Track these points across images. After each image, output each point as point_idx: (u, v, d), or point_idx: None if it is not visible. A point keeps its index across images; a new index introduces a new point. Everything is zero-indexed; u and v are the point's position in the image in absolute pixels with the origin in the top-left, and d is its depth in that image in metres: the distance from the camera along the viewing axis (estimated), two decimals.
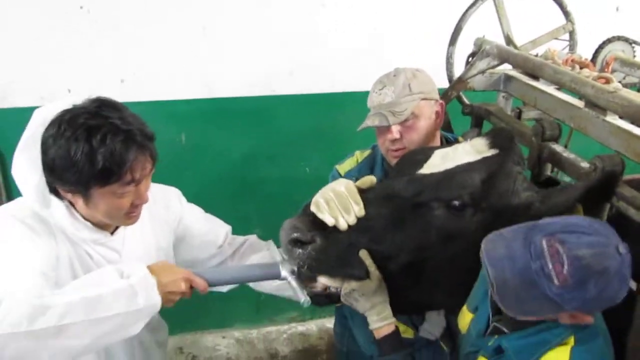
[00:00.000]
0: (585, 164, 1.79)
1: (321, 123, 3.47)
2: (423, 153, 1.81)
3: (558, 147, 1.96)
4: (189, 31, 3.10)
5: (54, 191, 1.58)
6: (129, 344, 1.85)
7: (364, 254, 1.62)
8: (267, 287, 1.96)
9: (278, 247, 1.77)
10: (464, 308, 1.71)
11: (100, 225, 1.68)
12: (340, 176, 2.25)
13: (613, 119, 1.73)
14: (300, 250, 1.61)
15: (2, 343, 1.27)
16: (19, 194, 3.20)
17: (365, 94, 3.32)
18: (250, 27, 3.18)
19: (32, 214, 1.58)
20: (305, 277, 1.68)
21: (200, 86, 3.23)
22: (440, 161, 1.73)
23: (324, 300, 1.74)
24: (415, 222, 1.65)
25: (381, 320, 1.65)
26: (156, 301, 1.46)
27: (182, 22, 3.08)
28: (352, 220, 1.63)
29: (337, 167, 2.31)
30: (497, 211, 1.65)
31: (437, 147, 1.87)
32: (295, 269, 1.66)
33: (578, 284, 1.22)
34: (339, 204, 1.64)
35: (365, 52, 3.33)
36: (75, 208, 1.62)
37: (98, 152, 1.47)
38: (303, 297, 1.62)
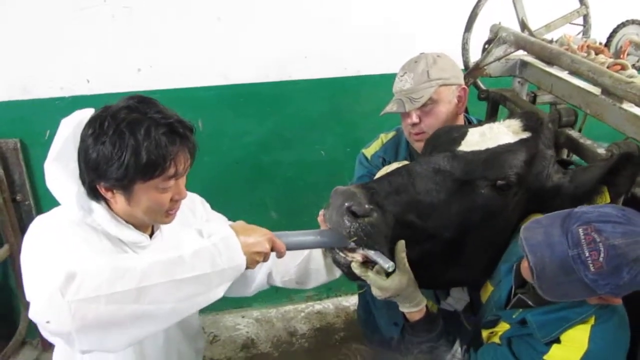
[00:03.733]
0: (602, 150, 1.84)
1: (335, 107, 3.52)
2: (457, 131, 1.83)
3: (574, 133, 2.01)
4: (204, 20, 3.13)
5: (93, 191, 1.57)
6: (168, 353, 1.84)
7: (400, 246, 1.61)
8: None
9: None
10: (488, 283, 1.79)
11: (139, 228, 1.67)
12: (367, 160, 2.32)
13: (629, 106, 1.78)
14: (350, 221, 1.55)
15: (82, 310, 1.23)
16: (41, 183, 3.28)
17: (379, 77, 3.41)
18: (264, 14, 3.21)
19: (78, 222, 1.57)
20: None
21: (216, 73, 3.27)
22: (480, 139, 1.75)
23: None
24: (460, 199, 1.67)
25: (414, 307, 1.70)
26: (240, 261, 1.42)
27: (197, 12, 3.11)
28: None
29: (364, 151, 2.37)
30: (534, 192, 1.71)
31: (470, 125, 1.89)
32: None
33: (612, 271, 1.30)
34: None
35: (379, 36, 3.36)
36: (113, 211, 1.61)
37: (143, 145, 1.45)
38: (387, 263, 1.57)
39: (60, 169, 1.57)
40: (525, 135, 1.77)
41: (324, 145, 3.59)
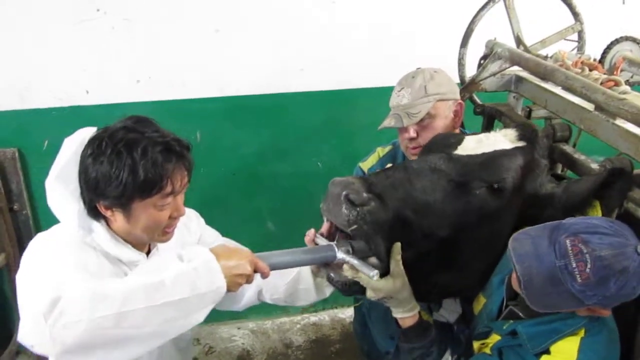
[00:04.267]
0: (595, 165, 1.87)
1: (332, 118, 3.54)
2: (454, 137, 1.86)
3: (569, 148, 2.03)
4: (202, 32, 3.17)
5: (93, 210, 1.59)
6: None
7: (396, 248, 1.60)
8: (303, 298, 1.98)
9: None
10: (480, 295, 1.81)
11: (137, 246, 1.68)
12: (363, 173, 2.34)
13: (622, 122, 1.80)
14: (348, 209, 1.54)
15: (62, 335, 1.27)
16: (39, 192, 3.30)
17: (375, 90, 3.43)
18: (261, 27, 3.24)
19: (77, 241, 1.59)
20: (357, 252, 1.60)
21: (213, 85, 3.30)
22: (476, 145, 1.77)
23: (356, 290, 1.67)
24: (455, 199, 1.67)
25: (407, 312, 1.69)
26: (221, 284, 1.42)
27: (195, 24, 3.14)
28: None
29: (360, 164, 2.40)
30: (528, 198, 1.72)
31: (467, 134, 1.92)
32: (350, 249, 1.58)
33: (599, 282, 1.31)
34: None
35: (375, 49, 3.39)
36: (112, 229, 1.63)
37: (140, 164, 1.49)
38: (371, 271, 1.54)
39: (62, 188, 1.60)
40: (521, 144, 1.79)
41: (320, 157, 3.61)
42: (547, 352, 1.50)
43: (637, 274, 1.32)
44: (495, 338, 1.67)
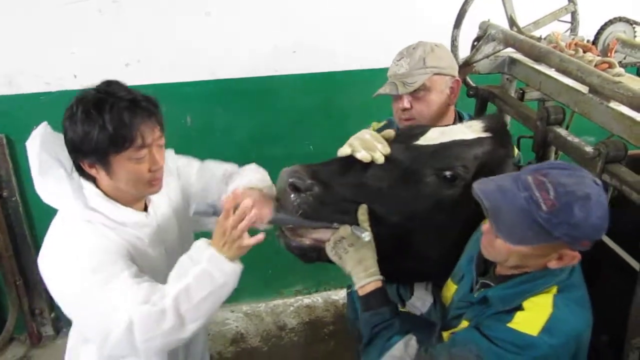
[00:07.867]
0: (589, 149, 1.86)
1: (324, 101, 3.52)
2: (420, 128, 1.90)
3: (562, 131, 2.02)
4: (193, 15, 3.12)
5: (80, 170, 1.73)
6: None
7: (362, 210, 1.66)
8: None
9: None
10: (449, 281, 1.79)
11: (132, 204, 1.82)
12: None
13: (616, 105, 1.79)
14: (294, 196, 1.65)
15: (143, 348, 1.63)
16: (28, 178, 3.27)
17: (367, 72, 3.41)
18: (252, 9, 3.20)
19: (83, 222, 1.73)
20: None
21: (204, 68, 3.26)
22: (438, 135, 1.81)
23: (313, 256, 1.74)
24: (408, 187, 1.72)
25: (368, 277, 1.63)
26: (233, 269, 1.68)
27: (185, 7, 3.10)
28: (379, 156, 1.72)
29: None
30: None
31: (436, 126, 1.96)
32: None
33: (564, 208, 1.34)
34: (366, 146, 1.75)
35: (367, 30, 3.36)
36: (101, 189, 1.75)
37: (107, 120, 1.61)
38: (362, 233, 1.62)
39: (52, 182, 1.75)
40: (485, 135, 1.81)
41: (312, 140, 3.59)
42: (521, 308, 1.50)
43: (599, 203, 1.36)
44: (464, 324, 1.64)
